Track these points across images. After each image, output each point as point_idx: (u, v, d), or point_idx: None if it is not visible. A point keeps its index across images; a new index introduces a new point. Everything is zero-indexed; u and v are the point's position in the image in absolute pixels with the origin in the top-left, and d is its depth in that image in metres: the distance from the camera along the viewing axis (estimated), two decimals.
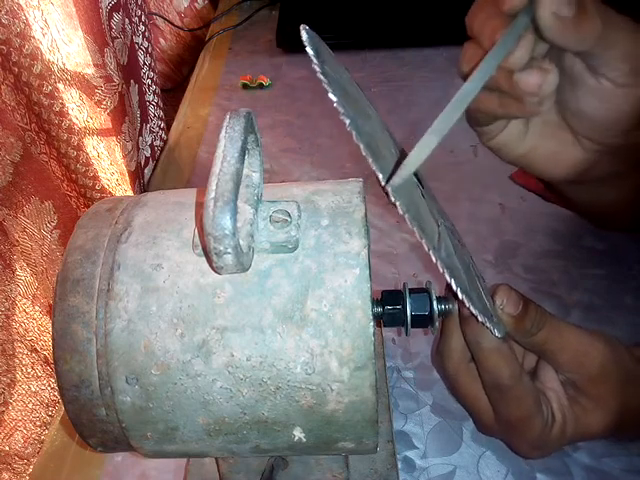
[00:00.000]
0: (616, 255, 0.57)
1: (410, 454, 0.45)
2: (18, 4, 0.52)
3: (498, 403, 0.35)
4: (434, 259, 0.26)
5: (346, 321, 0.27)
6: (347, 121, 0.25)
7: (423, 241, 0.25)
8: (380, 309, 0.32)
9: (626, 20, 0.34)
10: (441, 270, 0.26)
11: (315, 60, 0.27)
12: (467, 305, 0.27)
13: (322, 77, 0.26)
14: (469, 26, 0.35)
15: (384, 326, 0.33)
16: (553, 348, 0.35)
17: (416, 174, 0.32)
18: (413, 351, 0.52)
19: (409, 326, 0.32)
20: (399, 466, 0.43)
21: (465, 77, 0.35)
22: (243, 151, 0.26)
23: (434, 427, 0.47)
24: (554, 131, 0.38)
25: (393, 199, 0.25)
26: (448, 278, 0.26)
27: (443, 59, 0.87)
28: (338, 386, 0.27)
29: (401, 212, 0.25)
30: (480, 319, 0.28)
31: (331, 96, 0.26)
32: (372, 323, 0.27)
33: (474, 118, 0.39)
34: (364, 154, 0.25)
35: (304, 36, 0.28)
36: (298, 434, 0.29)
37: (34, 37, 0.54)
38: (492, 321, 0.30)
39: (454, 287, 0.27)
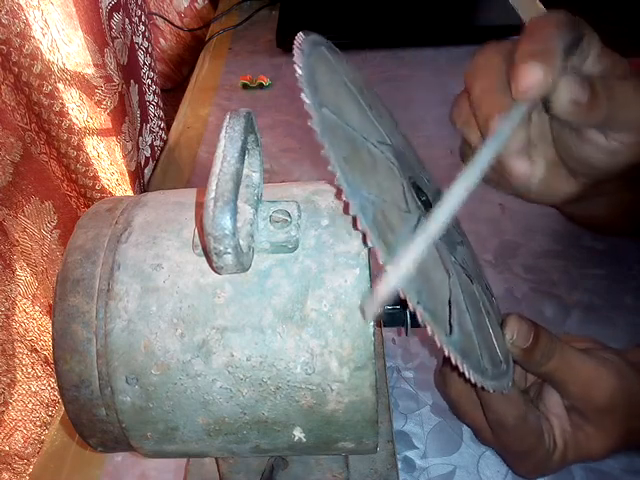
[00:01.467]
0: (616, 255, 0.57)
1: (410, 454, 0.45)
2: (18, 4, 0.52)
3: (500, 438, 0.35)
4: (446, 352, 0.24)
5: (346, 321, 0.27)
6: (352, 204, 0.23)
7: (436, 336, 0.24)
8: (380, 309, 0.32)
9: (631, 85, 0.33)
10: (453, 360, 0.25)
11: (312, 108, 0.25)
12: (478, 385, 0.26)
13: (323, 140, 0.24)
14: (468, 84, 0.34)
15: (384, 326, 0.33)
16: (562, 377, 0.34)
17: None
18: (413, 351, 0.52)
19: (409, 326, 0.32)
20: (399, 466, 0.43)
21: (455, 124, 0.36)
22: (243, 151, 0.26)
23: (434, 427, 0.47)
24: (550, 167, 0.37)
25: (403, 296, 0.23)
26: (460, 365, 0.25)
27: (443, 59, 0.87)
28: (338, 386, 0.27)
29: (411, 306, 0.23)
30: (490, 390, 0.28)
31: (332, 167, 0.23)
32: (372, 323, 0.27)
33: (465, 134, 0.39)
34: (368, 232, 0.23)
35: (299, 71, 0.25)
36: (298, 434, 0.29)
37: (34, 37, 0.54)
38: (501, 382, 0.29)
39: (465, 372, 0.25)
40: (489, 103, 0.32)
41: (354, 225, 0.25)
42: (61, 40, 0.58)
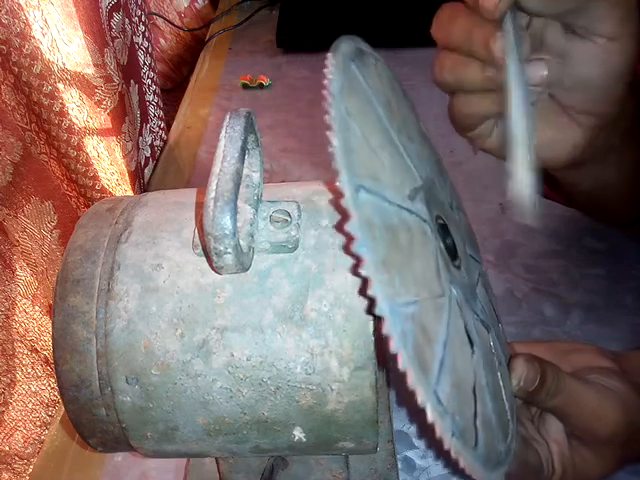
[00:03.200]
0: (616, 255, 0.57)
1: (410, 454, 0.45)
2: (18, 4, 0.52)
3: None
4: (473, 474, 0.23)
5: (346, 321, 0.27)
6: (394, 337, 0.20)
7: (466, 465, 0.22)
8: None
9: None
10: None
11: (351, 203, 0.20)
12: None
13: (361, 250, 0.20)
14: (440, 38, 0.34)
15: None
16: (566, 411, 0.34)
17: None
18: None
19: None
20: (399, 466, 0.43)
21: (444, 85, 0.35)
22: (243, 151, 0.26)
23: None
24: (549, 118, 0.37)
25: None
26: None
27: None
28: (338, 386, 0.27)
29: (420, 403, 0.21)
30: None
31: (371, 289, 0.20)
32: (372, 323, 0.27)
33: (463, 124, 0.38)
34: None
35: (333, 142, 0.21)
36: (298, 434, 0.29)
37: (34, 37, 0.54)
38: (509, 449, 0.28)
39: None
40: (481, 36, 0.32)
41: (393, 364, 0.20)
42: (61, 40, 0.58)
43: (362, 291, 0.21)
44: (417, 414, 0.41)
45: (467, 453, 0.22)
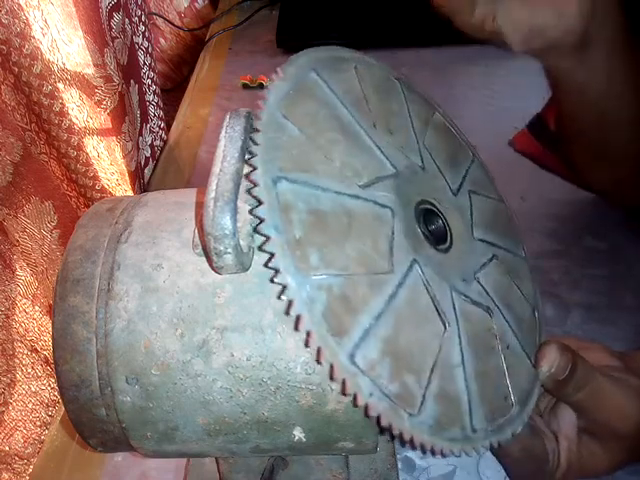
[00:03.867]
0: (616, 255, 0.57)
1: (410, 454, 0.45)
2: (18, 4, 0.52)
3: (505, 461, 0.35)
4: (407, 438, 0.24)
5: None
6: (296, 300, 0.23)
7: (393, 424, 0.24)
8: None
9: None
10: (417, 444, 0.24)
11: (263, 191, 0.24)
12: (457, 454, 0.26)
13: (267, 230, 0.23)
14: None
15: None
16: (591, 405, 0.34)
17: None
18: None
19: None
20: (399, 466, 0.43)
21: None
22: (243, 151, 0.26)
23: None
24: None
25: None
26: (427, 446, 0.25)
27: (443, 59, 0.87)
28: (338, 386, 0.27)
29: (360, 401, 0.23)
30: (477, 453, 0.27)
31: (274, 261, 0.23)
32: None
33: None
34: None
35: (255, 144, 0.25)
36: (298, 434, 0.29)
37: (34, 37, 0.54)
38: (502, 434, 0.28)
39: (436, 450, 0.25)
40: None
41: (295, 327, 0.23)
42: (61, 40, 0.58)
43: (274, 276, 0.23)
44: None
45: (395, 415, 0.24)
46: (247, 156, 0.25)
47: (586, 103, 0.46)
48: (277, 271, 0.23)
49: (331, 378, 0.24)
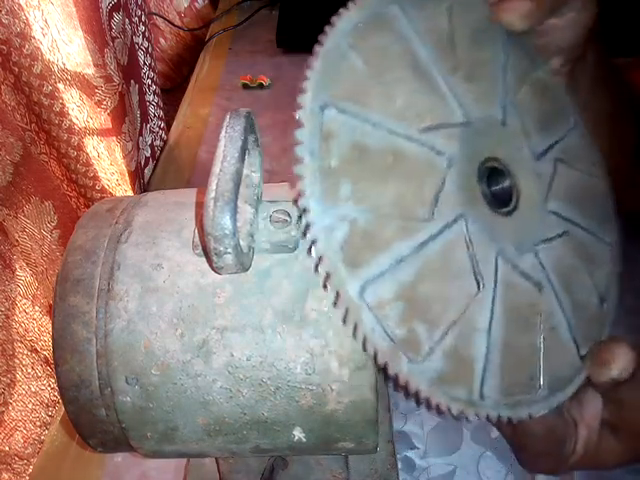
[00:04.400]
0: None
1: (410, 454, 0.45)
2: (18, 4, 0.52)
3: (520, 439, 0.34)
4: (401, 380, 0.24)
5: None
6: (315, 226, 0.23)
7: (390, 365, 0.23)
8: None
9: None
10: (412, 388, 0.24)
11: (306, 114, 0.24)
12: (455, 413, 0.25)
13: (301, 152, 0.23)
14: None
15: None
16: (631, 405, 0.32)
17: None
18: None
19: None
20: (399, 466, 0.43)
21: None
22: (243, 151, 0.26)
23: (434, 427, 0.47)
24: None
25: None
26: (424, 393, 0.24)
27: None
28: (338, 386, 0.27)
29: (330, 289, 0.23)
30: (480, 418, 0.26)
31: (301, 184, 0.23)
32: None
33: None
34: None
35: (311, 66, 0.25)
36: (298, 434, 0.29)
37: (34, 37, 0.54)
38: (519, 411, 0.28)
39: (433, 400, 0.25)
40: None
41: (308, 251, 0.23)
42: (61, 40, 0.58)
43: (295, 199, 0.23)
44: None
45: (394, 356, 0.24)
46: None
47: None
48: (302, 195, 0.23)
49: (334, 305, 0.24)
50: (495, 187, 0.29)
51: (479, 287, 0.26)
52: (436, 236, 0.25)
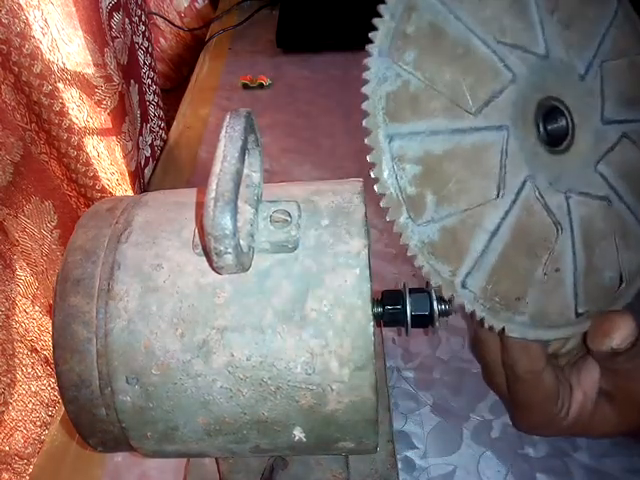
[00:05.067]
0: None
1: (410, 454, 0.45)
2: (18, 4, 0.52)
3: (511, 385, 0.35)
4: (395, 229, 0.27)
5: (346, 321, 0.27)
6: (370, 69, 0.26)
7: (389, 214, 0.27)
8: (380, 309, 0.32)
9: None
10: (402, 240, 0.27)
11: None
12: (433, 284, 0.28)
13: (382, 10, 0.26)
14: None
15: (384, 326, 0.33)
16: (625, 374, 0.33)
17: None
18: (413, 351, 0.52)
19: (409, 326, 0.32)
20: (399, 466, 0.43)
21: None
22: (243, 151, 0.26)
23: (434, 427, 0.47)
24: None
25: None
26: (410, 249, 0.27)
27: None
28: (338, 386, 0.27)
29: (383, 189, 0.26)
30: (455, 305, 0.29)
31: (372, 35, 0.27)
32: (372, 323, 0.27)
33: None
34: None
35: None
36: (298, 434, 0.29)
37: (34, 37, 0.54)
38: (500, 320, 0.29)
39: (413, 258, 0.27)
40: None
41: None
42: (61, 40, 0.58)
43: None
44: None
45: (396, 202, 0.26)
46: None
47: None
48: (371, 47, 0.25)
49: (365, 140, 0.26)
50: (550, 124, 0.30)
51: (498, 194, 0.28)
52: (476, 131, 0.27)
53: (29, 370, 0.53)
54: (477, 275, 0.28)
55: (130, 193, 0.72)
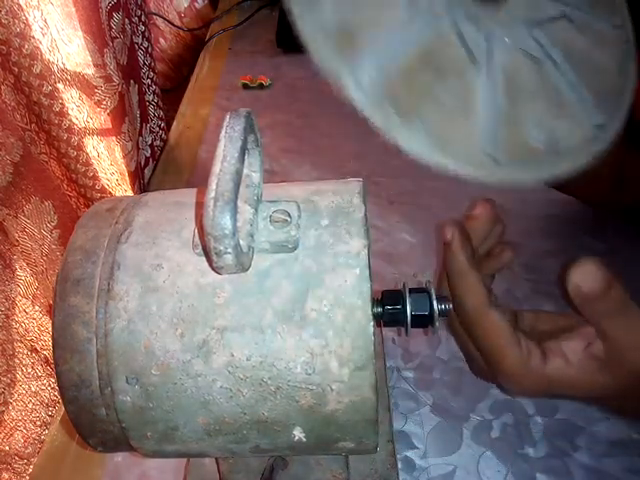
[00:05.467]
0: (616, 255, 0.57)
1: (410, 454, 0.45)
2: (18, 4, 0.52)
3: (469, 334, 0.35)
4: None
5: (346, 321, 0.27)
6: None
7: None
8: (380, 309, 0.32)
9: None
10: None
11: None
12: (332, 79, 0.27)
13: None
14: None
15: (384, 326, 0.33)
16: (617, 333, 0.33)
17: None
18: (413, 351, 0.52)
19: (409, 326, 0.32)
20: (399, 466, 0.43)
21: None
22: (243, 151, 0.26)
23: (434, 427, 0.47)
24: None
25: None
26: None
27: None
28: (338, 386, 0.27)
29: None
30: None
31: None
32: (372, 323, 0.27)
33: None
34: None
35: None
36: (298, 434, 0.29)
37: (34, 37, 0.54)
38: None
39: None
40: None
41: None
42: (61, 40, 0.58)
43: None
44: None
45: None
46: None
47: None
48: None
49: None
50: None
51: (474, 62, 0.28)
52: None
53: (29, 370, 0.53)
54: (374, 73, 0.27)
55: (130, 193, 0.72)
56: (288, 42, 0.94)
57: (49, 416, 0.56)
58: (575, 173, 0.31)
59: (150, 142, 0.81)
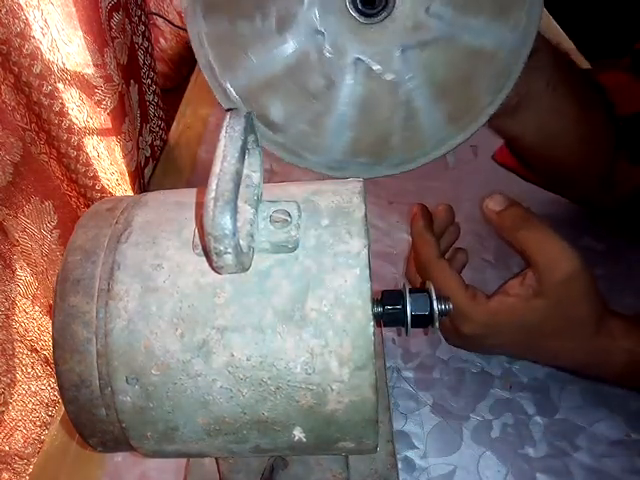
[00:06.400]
0: (615, 255, 0.57)
1: (410, 454, 0.45)
2: (18, 4, 0.52)
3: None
4: None
5: (346, 321, 0.27)
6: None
7: None
8: (380, 309, 0.32)
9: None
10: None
11: None
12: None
13: None
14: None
15: (384, 326, 0.33)
16: (530, 248, 0.41)
17: None
18: (413, 351, 0.52)
19: (409, 326, 0.32)
20: (399, 466, 0.43)
21: None
22: (243, 151, 0.26)
23: (434, 427, 0.47)
24: None
25: None
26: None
27: None
28: (338, 386, 0.27)
29: None
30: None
31: None
32: (372, 323, 0.27)
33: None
34: None
35: None
36: (298, 434, 0.29)
37: (34, 37, 0.54)
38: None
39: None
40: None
41: None
42: (61, 40, 0.58)
43: None
44: None
45: None
46: None
47: (524, 149, 0.53)
48: None
49: None
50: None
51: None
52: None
53: (29, 370, 0.53)
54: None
55: (130, 193, 0.72)
56: None
57: (49, 416, 0.56)
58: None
59: (150, 142, 0.81)
